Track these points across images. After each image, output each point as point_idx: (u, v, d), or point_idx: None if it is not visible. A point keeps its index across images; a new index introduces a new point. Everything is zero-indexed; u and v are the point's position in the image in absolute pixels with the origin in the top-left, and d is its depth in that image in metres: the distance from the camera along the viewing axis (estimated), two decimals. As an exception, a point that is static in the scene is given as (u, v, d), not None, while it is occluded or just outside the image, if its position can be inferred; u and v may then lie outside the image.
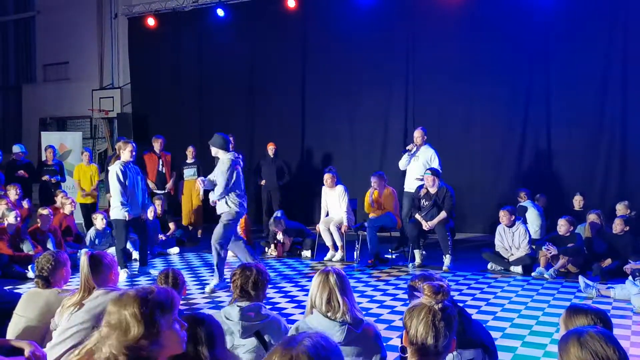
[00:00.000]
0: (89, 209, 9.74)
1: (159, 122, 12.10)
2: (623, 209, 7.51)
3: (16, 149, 9.55)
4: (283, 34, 10.97)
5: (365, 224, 7.67)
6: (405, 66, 9.96)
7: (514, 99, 9.21)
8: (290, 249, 8.27)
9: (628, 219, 7.06)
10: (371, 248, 7.41)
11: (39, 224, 7.48)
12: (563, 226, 6.90)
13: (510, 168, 9.32)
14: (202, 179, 6.25)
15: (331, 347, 1.49)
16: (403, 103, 10.02)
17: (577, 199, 8.15)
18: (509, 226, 7.11)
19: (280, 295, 5.87)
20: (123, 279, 6.44)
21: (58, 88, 14.16)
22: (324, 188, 8.13)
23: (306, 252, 8.17)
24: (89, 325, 2.58)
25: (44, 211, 7.56)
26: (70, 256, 4.60)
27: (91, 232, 8.03)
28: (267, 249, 8.38)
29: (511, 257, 7.02)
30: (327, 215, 8.10)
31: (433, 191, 7.34)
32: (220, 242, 6.10)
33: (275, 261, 7.85)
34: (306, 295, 5.77)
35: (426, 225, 7.24)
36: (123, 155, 6.65)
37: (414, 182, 7.87)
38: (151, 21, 12.15)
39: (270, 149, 9.83)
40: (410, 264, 7.36)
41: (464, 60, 9.38)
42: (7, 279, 6.50)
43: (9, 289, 4.93)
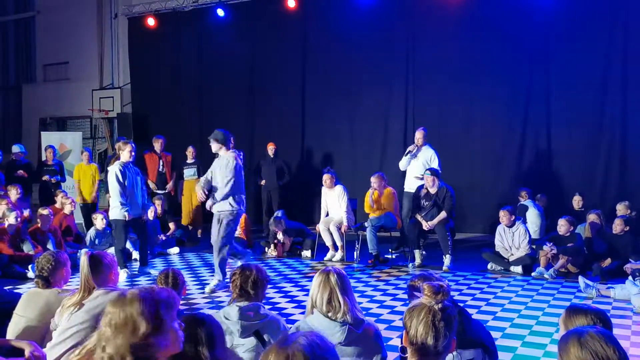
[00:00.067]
0: (89, 209, 9.75)
1: (159, 122, 12.10)
2: (623, 209, 7.50)
3: (16, 149, 9.54)
4: (283, 34, 10.97)
5: (365, 224, 7.67)
6: (405, 66, 9.96)
7: (514, 99, 9.21)
8: (290, 249, 8.28)
9: (628, 219, 7.06)
10: (371, 248, 7.42)
11: (39, 224, 7.48)
12: (563, 226, 6.91)
13: (510, 168, 9.32)
14: (203, 191, 6.19)
15: (326, 346, 1.50)
16: (403, 103, 10.02)
17: (577, 199, 8.15)
18: (509, 226, 7.11)
19: (280, 295, 5.87)
20: (123, 279, 6.44)
21: (58, 88, 14.16)
22: (323, 188, 8.13)
23: (306, 252, 8.17)
24: (89, 325, 2.59)
25: (44, 211, 7.56)
26: (70, 256, 4.60)
27: (91, 232, 8.04)
28: (267, 249, 8.38)
29: (511, 257, 7.02)
30: (327, 215, 8.10)
31: (433, 191, 7.35)
32: (223, 241, 6.08)
33: (275, 261, 7.85)
34: (306, 295, 5.78)
35: (426, 225, 7.24)
36: (122, 156, 6.65)
37: (414, 182, 7.89)
38: (151, 21, 12.15)
39: (270, 149, 9.83)
40: (410, 264, 7.36)
41: (464, 60, 9.38)
42: (7, 279, 6.51)
43: (9, 289, 4.93)
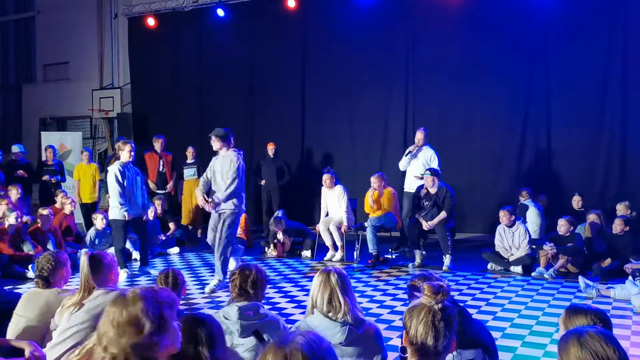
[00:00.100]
0: (89, 209, 9.75)
1: (159, 122, 12.10)
2: (624, 209, 7.49)
3: (15, 148, 9.53)
4: (283, 34, 10.97)
5: (365, 224, 7.66)
6: (405, 66, 9.96)
7: (514, 99, 9.21)
8: (290, 249, 8.28)
9: (628, 219, 7.05)
10: (371, 248, 7.42)
11: (39, 224, 7.48)
12: (563, 226, 6.91)
13: (510, 168, 9.32)
14: (204, 197, 6.14)
15: (324, 344, 1.50)
16: (403, 103, 10.02)
17: (576, 199, 8.13)
18: (509, 226, 7.11)
19: (280, 295, 5.87)
20: (123, 279, 6.44)
21: (58, 88, 14.16)
22: (323, 188, 8.13)
23: (306, 252, 8.17)
24: (89, 325, 2.59)
25: (44, 211, 7.55)
26: (70, 256, 4.59)
27: (91, 232, 8.04)
28: (267, 249, 8.38)
29: (511, 257, 7.02)
30: (327, 215, 8.10)
31: (433, 191, 7.35)
32: (227, 241, 6.09)
33: (275, 261, 7.85)
34: (306, 295, 5.79)
35: (426, 225, 7.24)
36: (122, 156, 6.65)
37: (414, 182, 7.90)
38: (151, 21, 12.15)
39: (270, 149, 9.83)
40: (410, 264, 7.36)
41: (464, 60, 9.38)
42: (7, 279, 6.51)
43: (9, 289, 4.93)
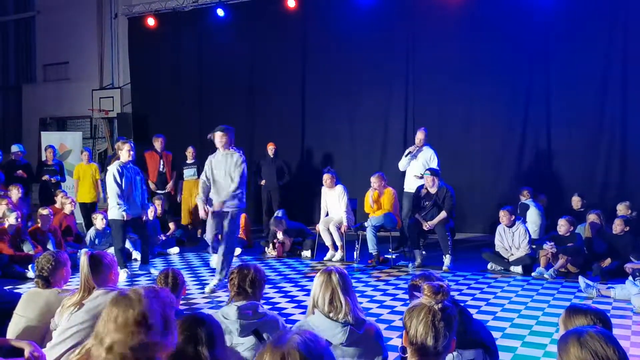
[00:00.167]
0: (88, 208, 9.74)
1: (159, 122, 12.10)
2: (624, 209, 7.49)
3: (15, 148, 9.52)
4: (283, 34, 10.96)
5: (365, 224, 7.67)
6: (405, 66, 9.96)
7: (514, 99, 9.20)
8: (290, 249, 8.27)
9: (628, 219, 7.05)
10: (371, 248, 7.41)
11: (39, 224, 7.48)
12: (563, 226, 6.91)
13: (510, 168, 9.32)
14: (205, 208, 6.19)
15: (321, 343, 1.49)
16: (403, 103, 10.01)
17: (575, 200, 8.12)
18: (509, 226, 7.11)
19: (280, 295, 5.87)
20: (123, 279, 6.45)
21: (58, 88, 14.16)
22: (323, 188, 8.13)
23: (306, 252, 8.17)
24: (89, 325, 2.58)
25: (44, 211, 7.55)
26: (70, 256, 4.59)
27: (91, 232, 8.04)
28: (267, 249, 8.38)
29: (511, 257, 7.02)
30: (327, 215, 8.10)
31: (433, 191, 7.35)
32: (234, 236, 6.23)
33: (275, 261, 7.85)
34: (306, 295, 5.79)
35: (426, 225, 7.24)
36: (122, 156, 6.67)
37: (413, 182, 7.90)
38: (151, 21, 12.15)
39: (270, 149, 9.83)
40: (410, 264, 7.36)
41: (464, 60, 9.38)
42: (7, 279, 6.51)
43: (9, 289, 4.93)
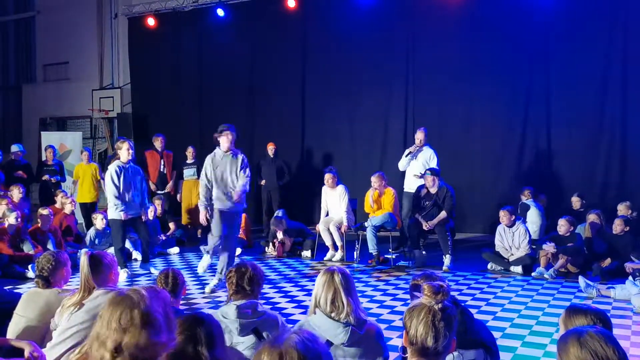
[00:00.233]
0: (88, 208, 9.74)
1: (159, 122, 12.09)
2: (624, 209, 7.48)
3: (14, 148, 9.51)
4: (283, 34, 10.96)
5: (365, 224, 7.66)
6: (405, 66, 9.96)
7: (514, 99, 9.20)
8: (290, 249, 8.27)
9: (628, 219, 7.05)
10: (371, 248, 7.41)
11: (39, 224, 7.48)
12: (563, 226, 6.91)
13: (510, 168, 9.32)
14: (207, 217, 6.27)
15: (319, 343, 1.49)
16: (403, 103, 10.01)
17: (575, 200, 8.10)
18: (509, 226, 7.11)
19: (280, 295, 5.87)
20: (123, 279, 6.45)
21: (58, 88, 14.16)
22: (324, 188, 8.13)
23: (306, 252, 8.17)
24: (89, 325, 2.58)
25: (44, 211, 7.55)
26: (70, 256, 4.59)
27: (91, 232, 8.04)
28: (266, 249, 8.38)
29: (511, 257, 7.02)
30: (327, 215, 8.10)
31: (433, 191, 7.35)
32: (236, 237, 6.40)
33: (275, 261, 7.85)
34: (306, 296, 5.80)
35: (426, 225, 7.24)
36: (121, 155, 6.67)
37: (413, 182, 7.90)
38: (151, 21, 12.15)
39: (270, 149, 9.82)
40: (410, 264, 7.36)
41: (464, 60, 9.38)
42: (7, 279, 6.51)
43: (9, 289, 4.93)
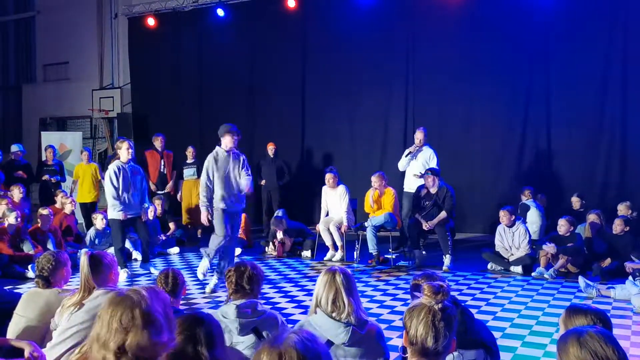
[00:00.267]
0: (88, 208, 9.74)
1: (159, 122, 12.09)
2: (625, 209, 7.48)
3: (14, 148, 9.50)
4: (283, 34, 10.96)
5: (365, 224, 7.66)
6: (405, 66, 9.96)
7: (514, 99, 9.20)
8: (290, 249, 8.27)
9: (628, 219, 7.05)
10: (371, 248, 7.41)
11: (39, 224, 7.48)
12: (563, 226, 6.91)
13: (510, 168, 9.32)
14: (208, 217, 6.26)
15: (318, 342, 1.49)
16: (403, 103, 10.01)
17: (574, 200, 8.10)
18: (509, 226, 7.11)
19: (280, 295, 5.87)
20: (123, 279, 6.45)
21: (58, 88, 14.15)
22: (324, 188, 8.13)
23: (306, 252, 8.17)
24: (89, 325, 2.58)
25: (44, 211, 7.55)
26: (71, 256, 4.59)
27: (91, 232, 8.04)
28: (266, 248, 8.38)
29: (511, 257, 7.02)
30: (327, 215, 8.10)
31: (433, 191, 7.35)
32: (236, 237, 6.49)
33: (275, 261, 7.85)
34: (306, 295, 5.80)
35: (426, 225, 7.24)
36: (121, 155, 6.68)
37: (413, 182, 7.90)
38: (151, 21, 12.15)
39: (270, 149, 9.82)
40: (410, 264, 7.36)
41: (464, 60, 9.38)
42: (7, 279, 6.51)
43: (9, 289, 4.93)
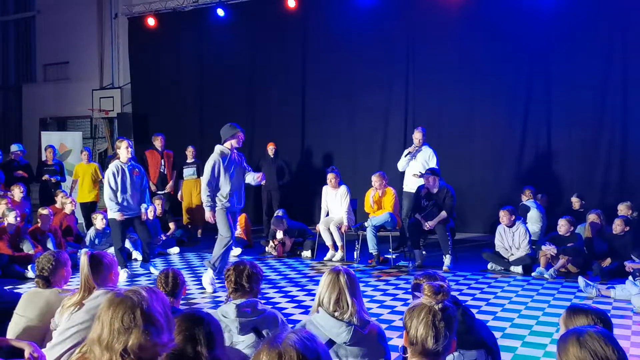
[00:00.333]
0: (88, 208, 9.74)
1: (159, 122, 12.09)
2: (625, 209, 7.47)
3: (14, 148, 9.50)
4: (283, 34, 10.96)
5: (365, 224, 7.66)
6: (405, 66, 9.95)
7: (514, 99, 9.20)
8: (290, 249, 8.27)
9: (628, 219, 7.04)
10: (371, 248, 7.41)
11: (39, 224, 7.48)
12: (563, 226, 6.91)
13: (510, 168, 9.31)
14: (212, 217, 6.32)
15: (318, 342, 1.49)
16: (403, 103, 10.01)
17: (574, 200, 8.10)
18: (509, 226, 7.11)
19: (280, 295, 5.87)
20: (123, 279, 6.44)
21: (58, 88, 14.16)
22: (324, 188, 8.13)
23: (306, 252, 8.17)
24: (89, 325, 2.58)
25: (44, 211, 7.55)
26: (71, 256, 4.59)
27: (91, 232, 8.04)
28: (267, 249, 8.38)
29: (511, 257, 7.02)
30: (327, 215, 8.10)
31: (434, 191, 7.34)
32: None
33: (275, 261, 7.85)
34: (306, 295, 5.80)
35: (426, 225, 7.24)
36: (121, 155, 6.67)
37: (413, 182, 7.90)
38: (151, 21, 12.15)
39: (270, 149, 9.82)
40: (410, 263, 7.36)
41: (464, 60, 9.37)
42: (7, 278, 6.51)
43: (9, 289, 4.93)
